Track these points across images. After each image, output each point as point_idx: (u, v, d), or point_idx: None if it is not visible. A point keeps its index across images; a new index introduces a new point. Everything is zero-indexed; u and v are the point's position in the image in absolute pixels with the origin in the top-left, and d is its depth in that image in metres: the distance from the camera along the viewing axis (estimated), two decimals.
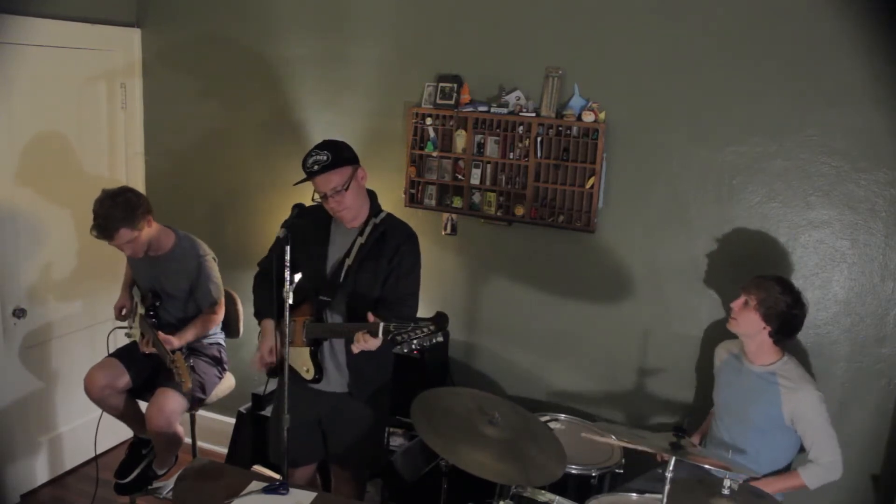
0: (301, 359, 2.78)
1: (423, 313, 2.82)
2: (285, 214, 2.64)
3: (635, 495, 2.69)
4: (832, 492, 2.96)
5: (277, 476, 2.61)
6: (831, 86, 2.88)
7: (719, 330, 3.13)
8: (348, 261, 2.76)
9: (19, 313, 3.59)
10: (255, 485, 2.47)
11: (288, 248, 2.48)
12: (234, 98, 3.94)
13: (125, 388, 3.29)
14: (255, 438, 3.58)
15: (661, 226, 3.22)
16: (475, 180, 3.39)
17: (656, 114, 3.15)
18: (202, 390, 3.28)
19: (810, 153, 2.96)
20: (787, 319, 2.73)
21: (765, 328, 2.74)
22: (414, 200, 3.52)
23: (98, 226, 3.06)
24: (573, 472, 2.79)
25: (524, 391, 3.55)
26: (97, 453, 3.56)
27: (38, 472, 3.83)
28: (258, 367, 2.86)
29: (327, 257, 2.81)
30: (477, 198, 3.42)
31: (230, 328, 3.56)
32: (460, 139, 3.39)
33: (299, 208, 2.64)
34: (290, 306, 2.52)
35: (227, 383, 3.50)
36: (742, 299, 2.78)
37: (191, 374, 3.03)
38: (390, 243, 2.76)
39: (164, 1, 3.99)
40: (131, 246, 3.14)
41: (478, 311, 3.60)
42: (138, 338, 3.22)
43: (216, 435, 4.08)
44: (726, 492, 2.25)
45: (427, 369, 3.39)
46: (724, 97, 3.04)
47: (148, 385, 3.30)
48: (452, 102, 3.37)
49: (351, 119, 3.68)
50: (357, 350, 2.58)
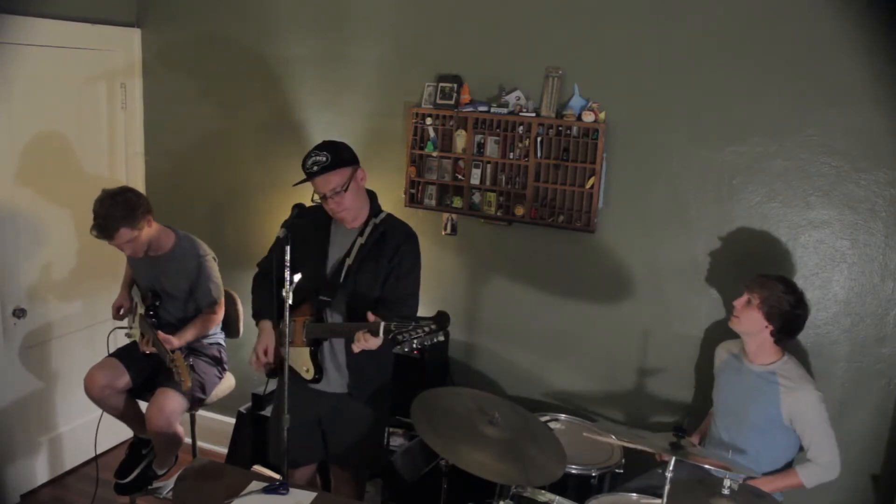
0: (301, 359, 2.78)
1: (422, 313, 2.81)
2: (285, 214, 2.64)
3: (635, 495, 2.70)
4: (832, 492, 2.97)
5: (277, 476, 2.61)
6: (831, 86, 2.88)
7: (719, 330, 3.13)
8: (348, 261, 2.75)
9: (19, 313, 3.59)
10: (255, 485, 2.46)
11: (288, 248, 2.48)
12: (234, 98, 3.95)
13: (125, 387, 3.29)
14: (255, 438, 3.58)
15: (661, 226, 3.22)
16: (475, 180, 3.39)
17: (656, 114, 3.15)
18: (202, 390, 3.28)
19: (810, 153, 2.96)
20: (789, 319, 2.73)
21: (767, 327, 2.74)
22: (414, 200, 3.52)
23: (98, 225, 3.06)
24: (573, 472, 2.79)
25: (524, 391, 3.55)
26: (97, 453, 3.56)
27: (38, 472, 3.83)
28: (255, 367, 2.86)
29: (327, 257, 2.81)
30: (477, 198, 3.42)
31: (230, 328, 3.56)
32: (460, 139, 3.39)
33: (299, 208, 2.64)
34: (290, 306, 2.52)
35: (227, 383, 3.50)
36: (745, 297, 2.78)
37: (190, 373, 3.03)
38: (390, 243, 2.76)
39: (164, 1, 3.99)
40: (131, 246, 3.14)
41: (478, 311, 3.60)
42: (138, 338, 3.22)
43: (216, 435, 4.08)
44: (726, 492, 2.25)
45: (427, 369, 3.39)
46: (724, 97, 3.04)
47: (148, 385, 3.30)
48: (452, 102, 3.37)
49: (351, 119, 3.68)
50: (357, 349, 2.57)
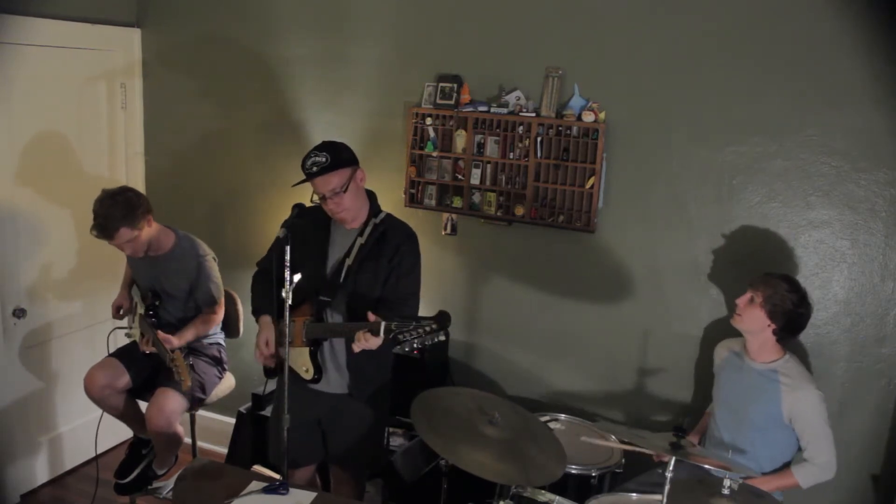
0: (301, 359, 2.78)
1: (422, 313, 2.81)
2: (285, 214, 2.64)
3: (635, 495, 2.69)
4: (832, 491, 2.97)
5: (277, 476, 2.61)
6: (831, 86, 2.88)
7: (719, 330, 3.13)
8: (348, 261, 2.75)
9: (19, 313, 3.59)
10: (255, 485, 2.46)
11: (288, 248, 2.48)
12: (234, 98, 3.94)
13: (125, 387, 3.29)
14: (255, 438, 3.58)
15: (661, 226, 3.22)
16: (475, 180, 3.39)
17: (656, 114, 3.15)
18: (202, 390, 3.28)
19: (810, 153, 2.96)
20: (792, 318, 2.72)
21: (769, 325, 2.73)
22: (414, 200, 3.52)
23: (98, 225, 3.06)
24: (573, 472, 2.79)
25: (524, 391, 3.55)
26: (97, 453, 3.56)
27: (38, 472, 3.83)
28: (259, 360, 2.85)
29: (327, 257, 2.80)
30: (477, 198, 3.42)
31: (230, 328, 3.56)
32: (460, 139, 3.39)
33: (299, 208, 2.64)
34: (290, 306, 2.51)
35: (227, 383, 3.50)
36: (748, 296, 2.77)
37: (190, 373, 3.03)
38: (390, 243, 2.76)
39: (164, 1, 3.99)
40: (131, 245, 3.14)
41: (478, 311, 3.60)
42: (138, 337, 3.22)
43: (216, 435, 4.08)
44: (726, 492, 2.25)
45: (427, 369, 3.39)
46: (724, 97, 3.04)
47: (148, 385, 3.30)
48: (452, 102, 3.37)
49: (351, 119, 3.68)
50: (358, 349, 2.57)
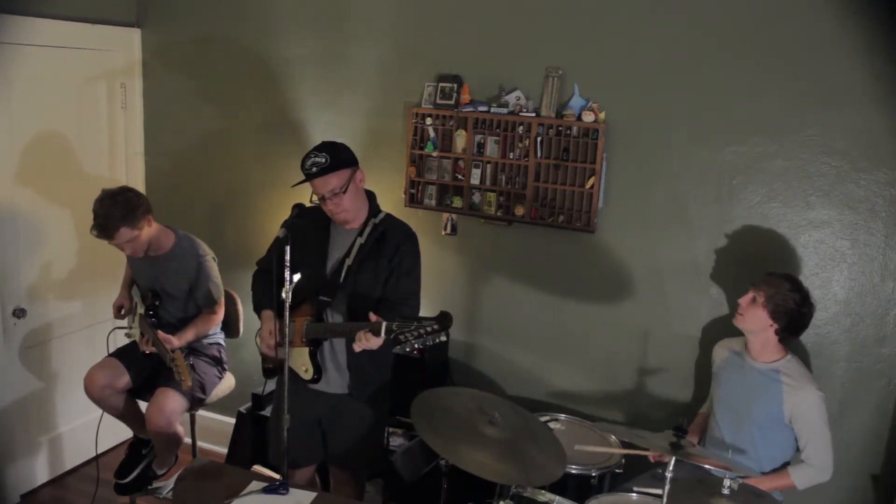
0: (300, 359, 2.78)
1: (422, 313, 2.81)
2: (285, 214, 2.64)
3: (635, 495, 2.69)
4: (832, 491, 2.97)
5: (277, 476, 2.61)
6: (831, 86, 2.88)
7: (719, 329, 3.13)
8: (348, 261, 2.75)
9: (19, 313, 3.59)
10: (255, 485, 2.46)
11: (288, 248, 2.48)
12: (234, 98, 3.94)
13: (125, 387, 3.29)
14: (255, 438, 3.58)
15: (661, 226, 3.22)
16: (475, 180, 3.39)
17: (656, 114, 3.15)
18: (202, 390, 3.28)
19: (810, 153, 2.96)
20: (794, 317, 2.72)
21: (771, 325, 2.73)
22: (414, 200, 3.52)
23: (98, 225, 3.06)
24: (573, 472, 2.79)
25: (524, 391, 3.55)
26: (97, 453, 3.55)
27: (38, 472, 3.83)
28: (266, 350, 2.83)
29: (327, 258, 2.81)
30: (477, 198, 3.42)
31: (230, 328, 3.56)
32: (460, 139, 3.39)
33: (299, 208, 2.64)
34: (290, 306, 2.51)
35: (227, 383, 3.50)
36: (750, 295, 2.77)
37: (191, 373, 3.03)
38: (390, 243, 2.76)
39: (164, 1, 3.99)
40: (131, 245, 3.14)
41: (478, 311, 3.60)
42: (138, 337, 3.22)
43: (216, 435, 4.08)
44: (726, 491, 2.25)
45: (427, 369, 3.39)
46: (724, 97, 3.04)
47: (148, 385, 3.30)
48: (452, 102, 3.37)
49: (351, 119, 3.68)
50: (359, 349, 2.57)
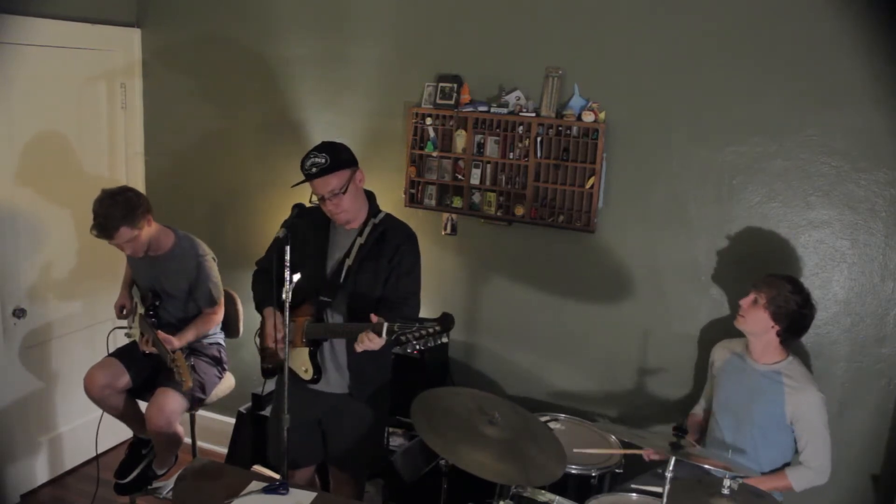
0: (300, 359, 2.78)
1: (423, 314, 2.82)
2: (285, 214, 2.64)
3: (635, 495, 2.69)
4: (832, 491, 2.97)
5: (277, 476, 2.61)
6: (831, 86, 2.88)
7: (718, 330, 3.13)
8: (348, 261, 2.75)
9: (19, 313, 3.59)
10: (255, 485, 2.46)
11: (288, 248, 2.48)
12: (234, 98, 3.94)
13: (125, 387, 3.29)
14: (255, 438, 3.58)
15: (661, 226, 3.22)
16: (475, 180, 3.39)
17: (656, 114, 3.15)
18: (202, 390, 3.28)
19: (810, 153, 2.96)
20: (795, 319, 2.72)
21: (773, 327, 2.73)
22: (414, 200, 3.52)
23: (98, 225, 3.06)
24: (573, 472, 2.79)
25: (524, 391, 3.55)
26: (97, 453, 3.55)
27: (38, 472, 3.83)
28: (273, 344, 2.81)
29: (327, 258, 2.80)
30: (477, 198, 3.42)
31: (230, 328, 3.56)
32: (460, 139, 3.39)
33: (299, 208, 2.64)
34: (290, 306, 2.51)
35: (227, 383, 3.50)
36: (751, 297, 2.76)
37: (191, 373, 3.03)
38: (390, 243, 2.76)
39: (164, 1, 3.99)
40: (131, 245, 3.14)
41: (478, 311, 3.60)
42: (138, 337, 3.22)
43: (216, 435, 4.08)
44: (726, 492, 2.25)
45: (427, 369, 3.39)
46: (724, 97, 3.03)
47: (148, 385, 3.30)
48: (452, 102, 3.37)
49: (351, 119, 3.68)
50: (360, 349, 2.57)
